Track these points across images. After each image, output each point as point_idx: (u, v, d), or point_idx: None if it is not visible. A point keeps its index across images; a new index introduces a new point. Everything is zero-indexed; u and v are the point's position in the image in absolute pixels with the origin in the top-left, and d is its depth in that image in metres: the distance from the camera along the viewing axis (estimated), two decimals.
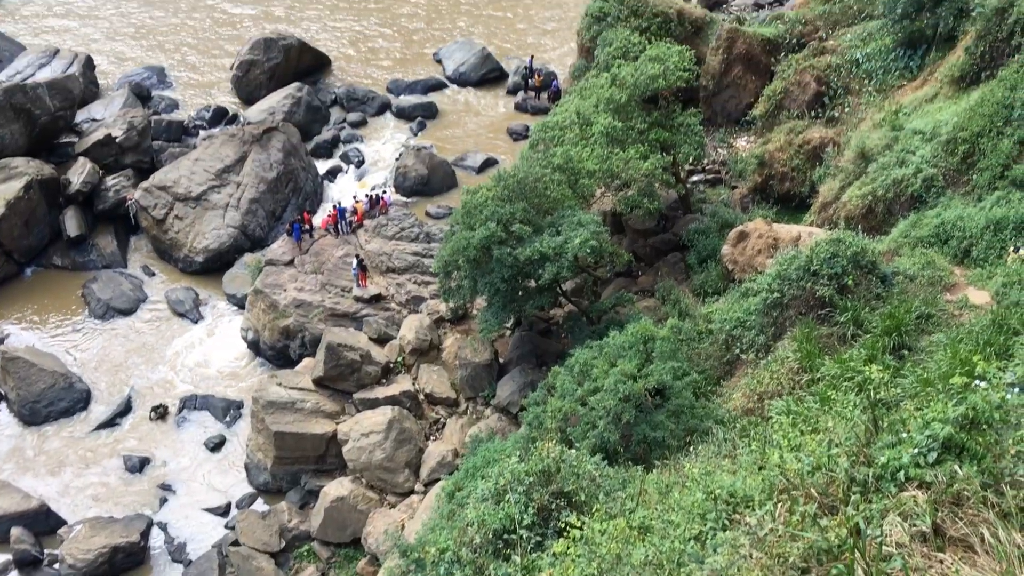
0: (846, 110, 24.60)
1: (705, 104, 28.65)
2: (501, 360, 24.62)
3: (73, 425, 25.43)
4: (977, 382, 5.61)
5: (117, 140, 32.61)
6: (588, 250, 20.31)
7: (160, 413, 25.83)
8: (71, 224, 30.53)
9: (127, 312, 28.88)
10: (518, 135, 35.76)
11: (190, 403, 26.14)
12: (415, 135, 36.53)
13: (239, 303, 28.85)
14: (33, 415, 25.43)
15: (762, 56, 28.22)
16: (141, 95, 37.22)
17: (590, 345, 17.53)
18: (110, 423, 25.56)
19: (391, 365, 25.22)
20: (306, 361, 25.79)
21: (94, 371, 26.95)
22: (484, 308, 23.09)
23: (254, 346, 27.46)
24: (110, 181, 31.85)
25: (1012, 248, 15.08)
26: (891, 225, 18.36)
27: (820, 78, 25.71)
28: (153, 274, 30.54)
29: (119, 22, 42.61)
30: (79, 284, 29.65)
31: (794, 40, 27.86)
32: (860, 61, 24.98)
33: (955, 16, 22.15)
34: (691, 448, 12.99)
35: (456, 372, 24.68)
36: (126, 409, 26.00)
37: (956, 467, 4.81)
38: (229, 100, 38.06)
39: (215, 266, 30.24)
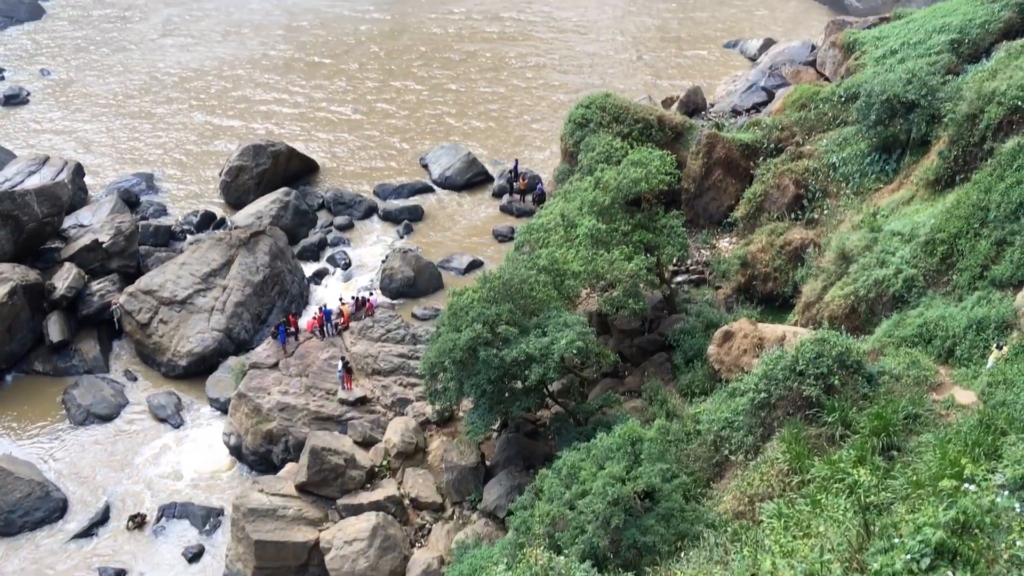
0: (825, 212, 25.07)
1: (687, 206, 29.14)
2: (488, 463, 24.25)
3: (49, 536, 24.70)
4: (967, 485, 5.56)
5: (104, 245, 32.73)
6: (574, 351, 20.30)
7: (138, 522, 25.14)
8: (54, 329, 30.33)
9: (107, 418, 28.42)
10: (504, 237, 36.14)
11: (169, 511, 25.46)
12: (401, 237, 36.86)
13: (222, 407, 28.47)
14: (8, 526, 24.70)
15: (741, 160, 28.88)
16: (130, 201, 37.59)
17: (577, 447, 17.34)
18: (86, 533, 24.82)
19: (376, 469, 24.78)
20: (289, 466, 25.31)
21: (71, 479, 26.34)
22: (470, 410, 22.88)
23: (236, 451, 26.97)
24: (95, 286, 31.83)
25: (995, 346, 15.19)
26: (874, 325, 18.49)
27: (799, 181, 26.28)
28: (135, 379, 30.21)
29: (109, 133, 43.40)
30: (60, 390, 29.25)
31: (772, 145, 28.59)
32: (837, 165, 25.60)
33: (927, 122, 22.84)
34: (682, 554, 12.71)
35: (442, 476, 24.26)
36: (103, 518, 25.30)
37: (950, 573, 4.72)
38: (217, 205, 38.47)
39: (198, 370, 29.95)
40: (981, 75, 21.99)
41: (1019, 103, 19.21)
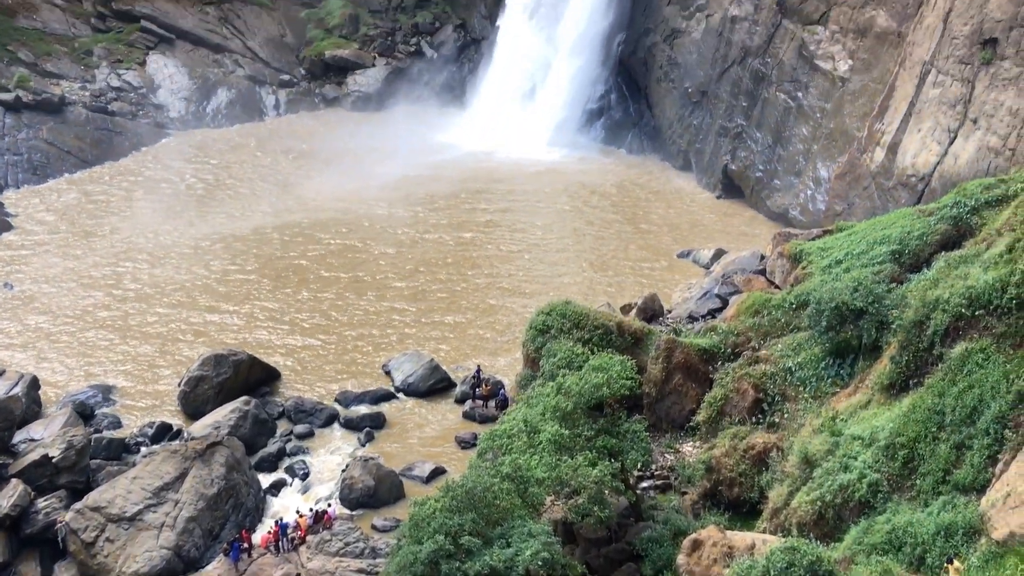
0: (785, 416, 25.29)
1: (649, 411, 29.23)
2: None
3: None
4: None
5: (53, 460, 31.77)
6: (540, 562, 19.66)
7: None
8: None
9: None
10: (467, 444, 35.76)
11: None
12: (363, 445, 36.31)
13: None
14: None
15: (700, 365, 29.34)
16: (84, 413, 36.91)
17: None
18: None
19: None
20: None
21: None
22: None
23: None
24: (41, 503, 30.61)
25: (947, 560, 14.99)
26: (843, 531, 18.25)
27: (757, 386, 26.64)
28: None
29: (68, 345, 43.21)
30: None
31: (729, 350, 29.18)
32: (793, 370, 26.10)
33: (877, 328, 23.60)
34: None
35: None
36: None
37: None
38: (175, 416, 37.86)
39: None
40: (924, 284, 23.01)
41: (963, 310, 20.01)
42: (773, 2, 57.34)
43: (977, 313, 19.77)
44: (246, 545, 27.68)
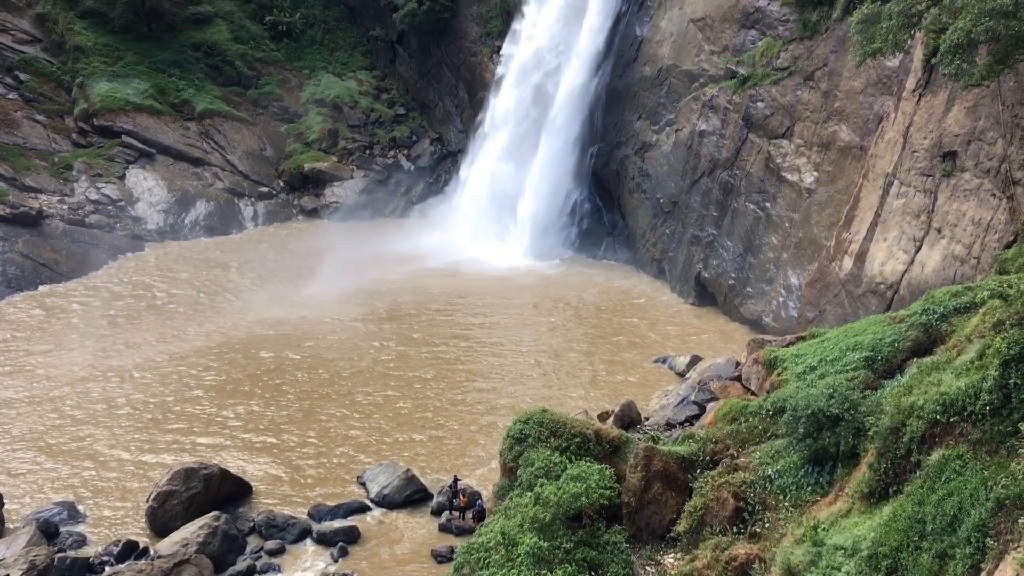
0: (767, 525, 24.98)
1: (629, 520, 28.77)
2: None
3: None
4: None
5: None
6: None
7: None
8: None
9: None
10: (443, 558, 34.87)
11: None
12: (335, 561, 35.30)
13: None
14: None
15: (679, 473, 29.08)
16: (49, 531, 35.73)
17: None
18: None
19: None
20: None
21: None
22: None
23: None
24: None
25: None
26: None
27: (737, 494, 26.39)
28: None
29: (34, 461, 42.23)
30: None
31: (707, 457, 29.00)
32: (772, 477, 25.94)
33: (854, 435, 23.63)
34: None
35: None
36: None
37: None
38: (142, 533, 36.74)
39: None
40: (898, 390, 23.19)
41: (937, 417, 20.13)
42: (739, 118, 59.35)
43: (952, 420, 19.88)
44: None
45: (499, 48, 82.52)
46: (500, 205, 78.14)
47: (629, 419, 40.10)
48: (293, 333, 57.05)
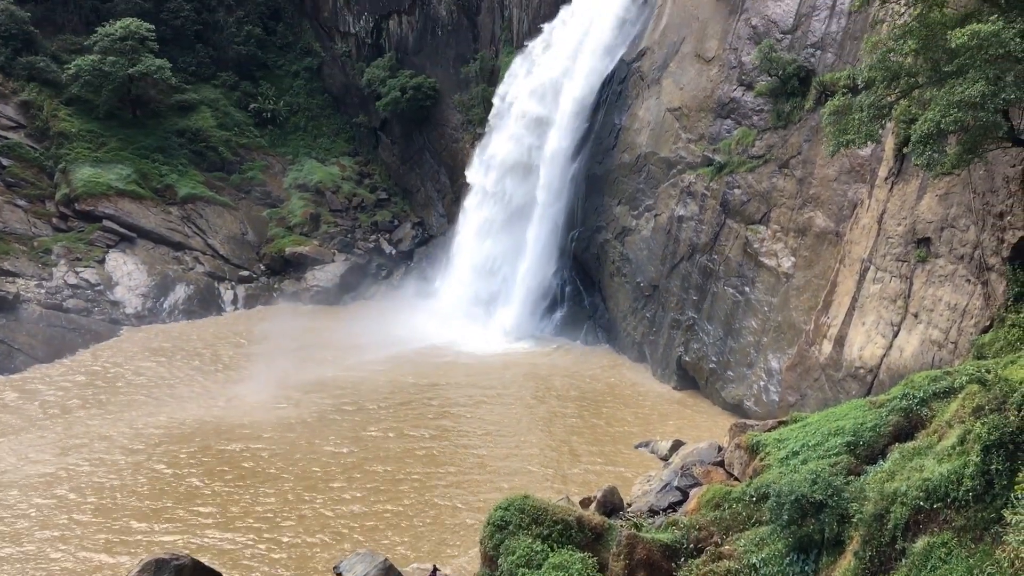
0: None
1: None
2: None
3: None
4: None
5: None
6: None
7: None
8: None
9: None
10: None
11: None
12: None
13: None
14: None
15: (663, 561, 28.58)
16: None
17: None
18: None
19: None
20: None
21: None
22: None
23: None
24: None
25: None
26: None
27: None
28: None
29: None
30: None
31: (692, 545, 28.55)
32: (758, 566, 25.53)
33: (838, 521, 23.40)
34: None
35: None
36: None
37: None
38: None
39: None
40: (881, 476, 23.10)
41: (921, 503, 20.01)
42: (717, 203, 60.34)
43: (936, 506, 19.77)
44: None
45: (481, 135, 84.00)
46: (481, 288, 78.49)
47: (612, 505, 39.57)
48: (272, 417, 56.34)
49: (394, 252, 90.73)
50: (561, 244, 75.39)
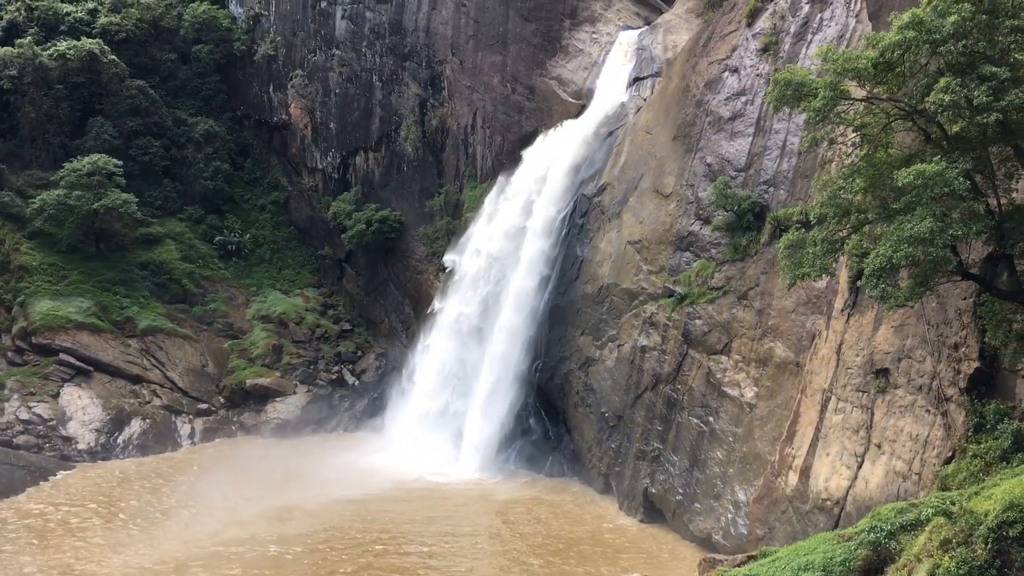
0: None
1: None
2: None
3: None
4: None
5: None
6: None
7: None
8: None
9: None
10: None
11: None
12: None
13: None
14: None
15: None
16: None
17: None
18: None
19: None
20: None
21: None
22: None
23: None
24: None
25: None
26: None
27: None
28: None
29: None
30: None
31: None
32: None
33: None
34: None
35: None
36: None
37: None
38: None
39: None
40: None
41: None
42: (679, 334, 60.97)
43: None
44: None
45: (444, 267, 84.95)
46: (443, 420, 77.62)
47: None
48: (226, 555, 54.15)
49: (357, 383, 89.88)
50: (526, 376, 75.22)
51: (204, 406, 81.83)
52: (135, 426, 75.90)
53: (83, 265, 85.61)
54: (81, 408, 74.92)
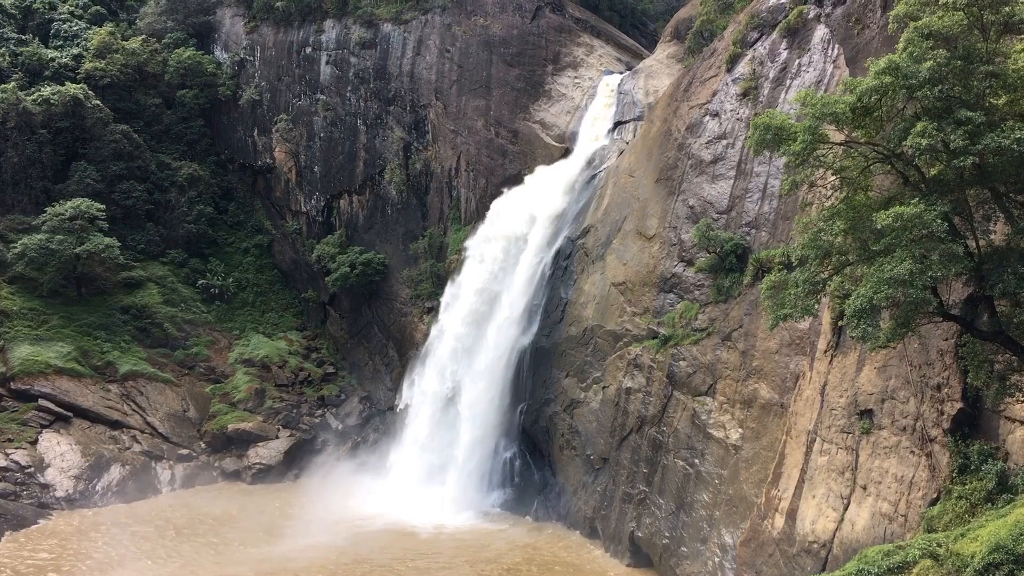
0: None
1: None
2: None
3: None
4: None
5: None
6: None
7: None
8: None
9: None
10: None
11: None
12: None
13: None
14: None
15: None
16: None
17: None
18: None
19: None
20: None
21: None
22: None
23: None
24: None
25: None
26: None
27: None
28: None
29: None
30: None
31: None
32: None
33: None
34: None
35: None
36: None
37: None
38: None
39: None
40: None
41: None
42: (663, 375, 60.91)
43: None
44: None
45: (430, 308, 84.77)
46: (428, 463, 76.97)
47: None
48: None
49: (341, 427, 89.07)
50: (510, 418, 74.85)
51: (185, 451, 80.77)
52: (114, 472, 74.74)
53: (64, 309, 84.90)
54: (60, 455, 73.76)
